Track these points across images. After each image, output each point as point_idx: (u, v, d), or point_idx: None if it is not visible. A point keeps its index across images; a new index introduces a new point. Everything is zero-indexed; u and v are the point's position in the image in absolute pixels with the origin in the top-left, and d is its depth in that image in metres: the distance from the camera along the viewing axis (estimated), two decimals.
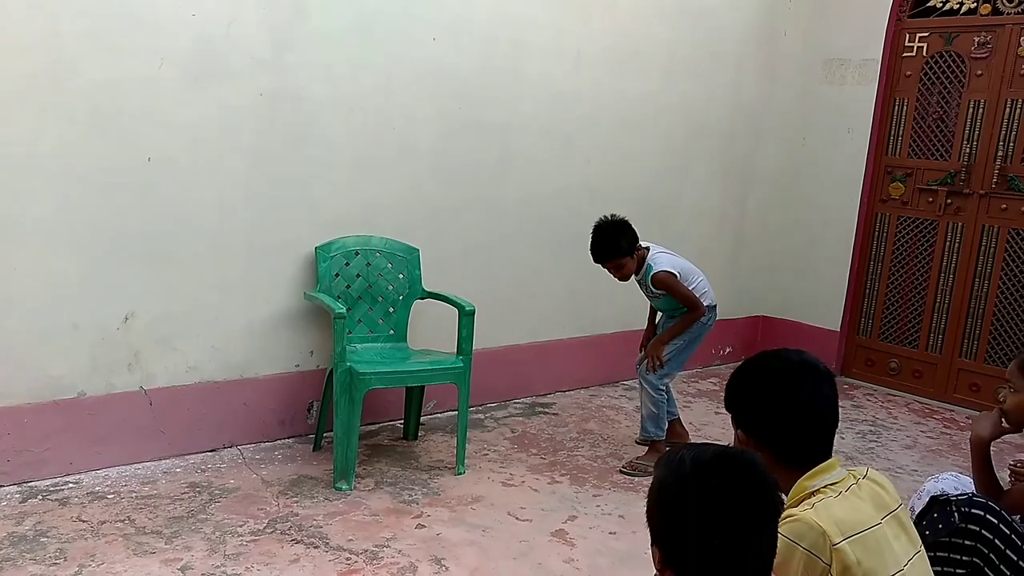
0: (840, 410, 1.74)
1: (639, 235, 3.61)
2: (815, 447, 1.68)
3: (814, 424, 1.68)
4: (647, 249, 3.63)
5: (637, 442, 3.93)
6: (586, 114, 4.44)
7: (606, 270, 3.59)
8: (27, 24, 2.84)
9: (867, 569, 1.51)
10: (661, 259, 3.61)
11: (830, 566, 1.49)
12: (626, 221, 3.57)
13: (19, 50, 2.84)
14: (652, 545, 1.31)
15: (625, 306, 4.85)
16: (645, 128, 4.73)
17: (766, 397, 1.70)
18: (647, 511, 1.32)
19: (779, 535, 1.50)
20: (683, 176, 5.00)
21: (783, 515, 1.58)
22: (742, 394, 1.76)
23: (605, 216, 3.60)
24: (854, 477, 1.66)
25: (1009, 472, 2.55)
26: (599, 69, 4.43)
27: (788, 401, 1.67)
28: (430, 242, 3.88)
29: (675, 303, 3.63)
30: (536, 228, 4.38)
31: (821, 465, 1.66)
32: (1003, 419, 2.36)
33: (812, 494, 1.63)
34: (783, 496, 1.30)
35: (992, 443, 2.38)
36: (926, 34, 4.93)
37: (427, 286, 3.78)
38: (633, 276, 3.63)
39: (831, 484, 1.63)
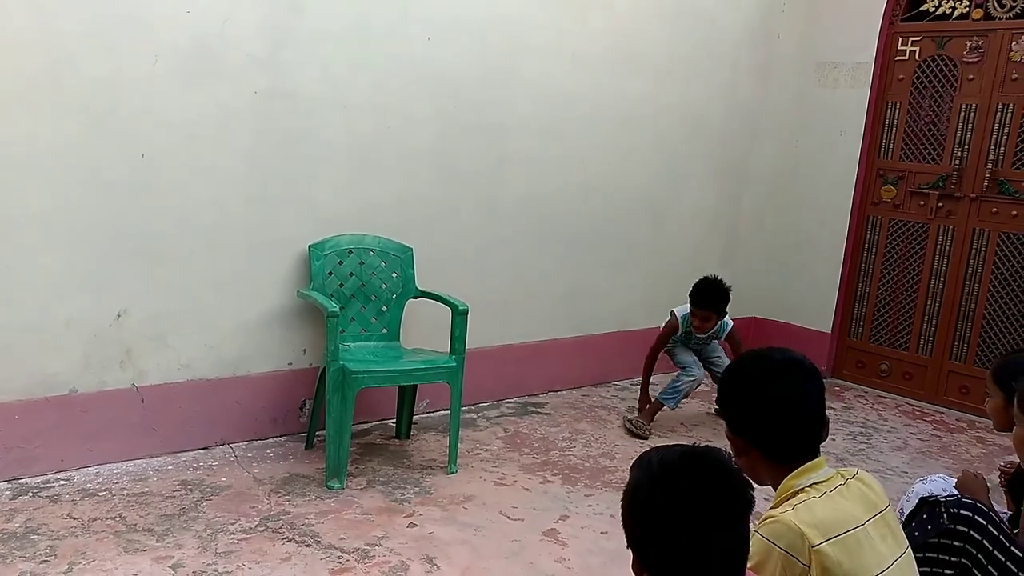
0: (831, 411, 1.76)
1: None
2: (801, 444, 1.69)
3: (799, 421, 1.69)
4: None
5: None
6: (584, 114, 4.45)
7: (698, 315, 4.08)
8: (25, 22, 2.82)
9: (848, 570, 1.51)
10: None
11: (809, 567, 1.50)
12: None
13: (16, 48, 2.82)
14: (628, 547, 1.31)
15: (618, 306, 4.88)
16: (643, 128, 4.74)
17: (750, 396, 1.72)
18: (622, 515, 1.33)
19: (758, 536, 1.52)
20: (680, 176, 5.01)
21: (764, 516, 1.60)
22: (729, 393, 1.78)
23: (719, 277, 4.11)
24: (842, 477, 1.67)
25: (998, 473, 2.57)
26: (597, 69, 4.44)
27: (772, 399, 1.69)
28: (425, 241, 3.88)
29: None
30: (532, 228, 4.38)
31: (808, 464, 1.67)
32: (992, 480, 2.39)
33: (796, 493, 1.64)
34: (752, 494, 1.30)
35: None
36: (918, 38, 4.96)
37: (422, 285, 3.79)
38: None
39: (817, 483, 1.64)
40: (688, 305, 4.13)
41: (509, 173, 4.22)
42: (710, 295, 4.07)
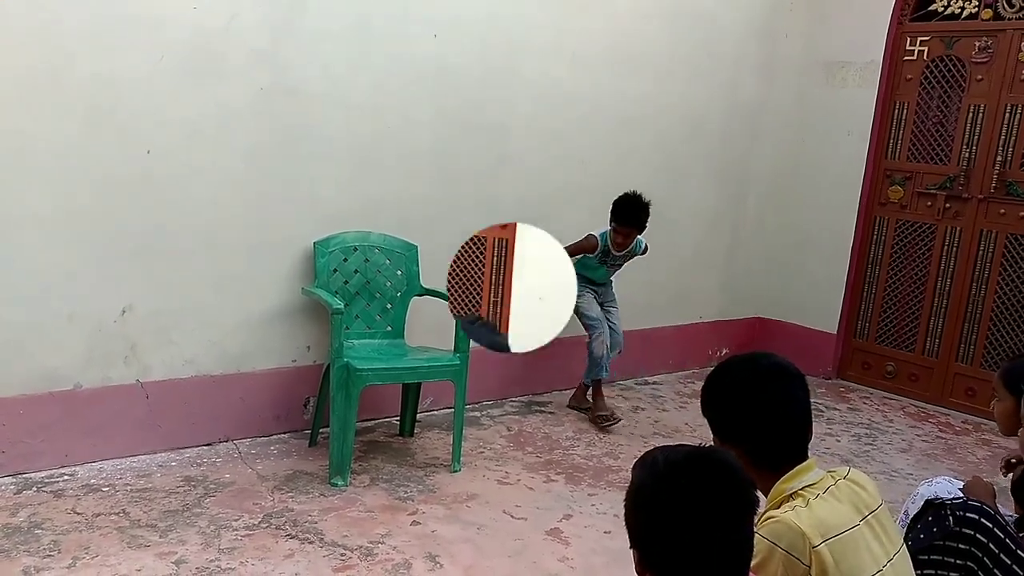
0: (836, 412, 1.75)
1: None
2: (789, 449, 1.68)
3: (786, 427, 1.68)
4: None
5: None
6: (584, 114, 4.44)
7: (620, 231, 4.06)
8: (26, 19, 2.83)
9: (844, 571, 1.51)
10: None
11: (810, 567, 1.49)
12: None
13: (17, 45, 2.82)
14: (631, 547, 1.31)
15: (621, 305, 4.85)
16: (643, 128, 4.73)
17: (736, 402, 1.70)
18: (625, 514, 1.32)
19: (759, 536, 1.51)
20: (680, 176, 5.00)
21: (764, 516, 1.59)
22: (713, 400, 1.76)
23: (638, 192, 4.06)
24: (833, 478, 1.67)
25: (1002, 467, 2.55)
26: (597, 69, 4.43)
27: (758, 405, 1.67)
28: (428, 239, 3.87)
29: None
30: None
31: (798, 467, 1.66)
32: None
33: (791, 496, 1.63)
34: (757, 494, 1.30)
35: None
36: (927, 38, 4.94)
37: (425, 283, 3.78)
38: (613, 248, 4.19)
39: (809, 486, 1.64)
40: (607, 225, 4.13)
41: (509, 173, 4.22)
42: (632, 210, 4.04)
